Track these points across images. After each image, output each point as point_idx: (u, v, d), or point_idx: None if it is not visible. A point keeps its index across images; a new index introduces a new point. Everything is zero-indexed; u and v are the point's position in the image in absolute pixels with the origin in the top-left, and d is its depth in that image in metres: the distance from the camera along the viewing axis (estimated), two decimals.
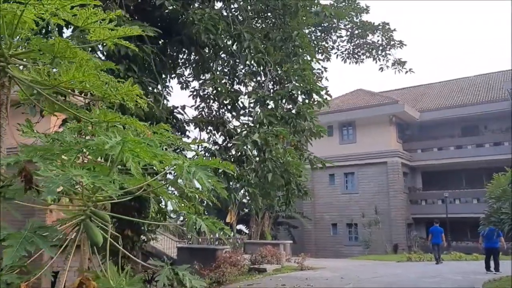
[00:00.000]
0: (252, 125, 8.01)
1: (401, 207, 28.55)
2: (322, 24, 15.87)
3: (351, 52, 16.88)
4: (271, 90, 8.55)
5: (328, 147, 26.94)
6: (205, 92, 12.14)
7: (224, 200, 24.19)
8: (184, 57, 12.10)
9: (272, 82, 8.80)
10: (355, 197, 29.95)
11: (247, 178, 11.82)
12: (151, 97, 7.93)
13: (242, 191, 12.38)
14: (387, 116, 29.23)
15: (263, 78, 9.25)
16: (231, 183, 11.76)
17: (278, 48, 8.80)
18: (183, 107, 10.96)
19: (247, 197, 13.54)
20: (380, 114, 29.08)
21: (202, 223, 3.08)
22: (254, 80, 9.39)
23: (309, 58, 8.84)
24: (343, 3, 15.60)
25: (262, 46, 8.51)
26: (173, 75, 12.91)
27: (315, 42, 15.30)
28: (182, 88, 12.80)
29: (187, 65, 12.54)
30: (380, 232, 26.80)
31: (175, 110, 10.86)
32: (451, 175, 30.55)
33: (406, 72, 16.13)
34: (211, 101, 11.83)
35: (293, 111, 8.62)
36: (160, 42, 9.75)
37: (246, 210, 28.47)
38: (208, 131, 11.13)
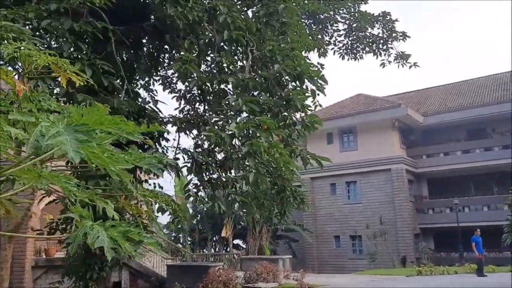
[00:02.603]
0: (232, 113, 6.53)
1: (407, 217, 26.87)
2: (318, 16, 14.54)
3: (349, 48, 15.48)
4: (254, 76, 7.06)
5: (328, 155, 25.17)
6: (191, 94, 10.80)
7: (219, 214, 22.62)
8: (167, 56, 10.80)
9: (254, 65, 7.32)
10: (359, 207, 28.28)
11: (235, 185, 10.37)
12: (106, 83, 6.46)
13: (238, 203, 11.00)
14: (389, 120, 27.73)
15: (245, 65, 7.77)
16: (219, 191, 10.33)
17: (263, 25, 7.36)
18: (156, 102, 9.53)
19: (244, 209, 12.08)
20: (382, 119, 27.59)
21: (101, 233, 1.88)
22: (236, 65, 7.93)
23: (299, 37, 7.37)
24: None
25: (243, 23, 7.09)
26: (156, 77, 11.61)
27: (310, 37, 13.92)
28: (164, 88, 11.48)
29: (171, 64, 11.24)
30: (386, 244, 25.08)
31: (147, 106, 9.45)
32: (458, 182, 28.96)
33: (410, 66, 14.71)
34: (197, 103, 10.46)
35: (283, 102, 7.14)
36: (131, 32, 8.36)
37: (243, 224, 26.84)
38: (193, 136, 9.71)
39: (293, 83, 7.48)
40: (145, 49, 10.33)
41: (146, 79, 11.42)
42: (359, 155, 28.32)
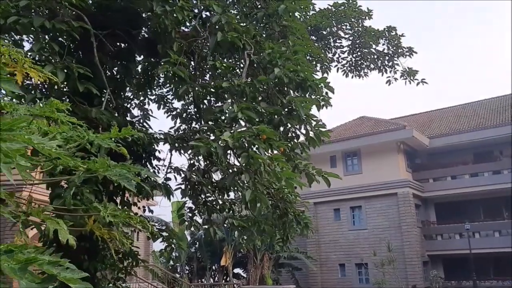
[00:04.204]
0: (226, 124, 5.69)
1: (415, 243, 25.66)
2: (320, 32, 13.90)
3: (353, 64, 14.79)
4: (252, 81, 6.27)
5: (331, 179, 24.35)
6: (187, 113, 10.05)
7: (218, 241, 21.50)
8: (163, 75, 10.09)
9: (252, 70, 6.55)
10: (364, 233, 27.10)
11: (233, 209, 9.54)
12: (81, 88, 5.66)
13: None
14: (394, 143, 26.89)
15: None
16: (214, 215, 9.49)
17: (262, 27, 6.64)
18: (145, 116, 8.77)
19: (244, 236, 11.16)
20: (387, 141, 26.75)
21: None
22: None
23: (302, 41, 6.62)
24: (342, 7, 13.69)
25: (240, 25, 6.37)
26: (152, 97, 10.90)
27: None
28: (159, 107, 10.74)
29: (167, 84, 10.58)
30: (394, 272, 23.80)
31: (136, 121, 8.66)
32: (467, 206, 27.90)
33: (418, 83, 13.96)
34: (194, 122, 9.70)
35: (285, 111, 6.34)
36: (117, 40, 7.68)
37: (244, 251, 25.66)
38: (188, 157, 8.89)
39: (296, 93, 6.71)
40: (139, 67, 9.63)
41: (141, 98, 10.71)
42: (364, 178, 27.37)
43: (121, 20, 7.82)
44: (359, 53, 14.46)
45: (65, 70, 5.68)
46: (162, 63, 5.79)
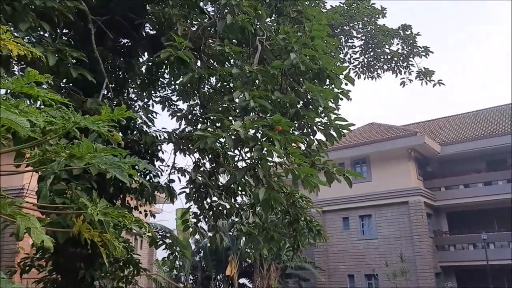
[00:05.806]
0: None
1: (427, 254, 24.76)
2: (331, 30, 13.32)
3: (366, 65, 14.18)
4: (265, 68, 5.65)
5: (339, 187, 23.40)
6: (193, 114, 9.47)
7: (223, 250, 20.75)
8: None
9: (265, 58, 5.92)
10: (374, 243, 26.22)
11: (240, 214, 8.94)
12: (75, 74, 5.06)
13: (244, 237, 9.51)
14: (405, 150, 26.10)
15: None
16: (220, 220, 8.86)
17: (275, 11, 6.04)
18: (147, 111, 8.15)
19: (251, 244, 10.50)
20: (397, 148, 25.98)
21: None
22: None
23: (319, 25, 5.98)
24: (355, 5, 13.12)
25: (251, 8, 5.77)
26: (157, 98, 10.35)
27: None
28: (163, 108, 10.19)
29: (173, 85, 10.08)
30: (406, 283, 22.89)
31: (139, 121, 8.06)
32: (480, 216, 26.97)
33: (434, 84, 13.32)
34: (200, 124, 9.13)
35: (301, 101, 5.72)
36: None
37: (250, 261, 24.89)
38: (195, 159, 8.31)
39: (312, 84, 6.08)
40: (144, 67, 9.12)
41: (145, 100, 10.18)
42: (373, 186, 26.56)
43: (123, 11, 7.32)
44: (372, 53, 13.87)
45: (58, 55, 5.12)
46: (165, 47, 5.17)
